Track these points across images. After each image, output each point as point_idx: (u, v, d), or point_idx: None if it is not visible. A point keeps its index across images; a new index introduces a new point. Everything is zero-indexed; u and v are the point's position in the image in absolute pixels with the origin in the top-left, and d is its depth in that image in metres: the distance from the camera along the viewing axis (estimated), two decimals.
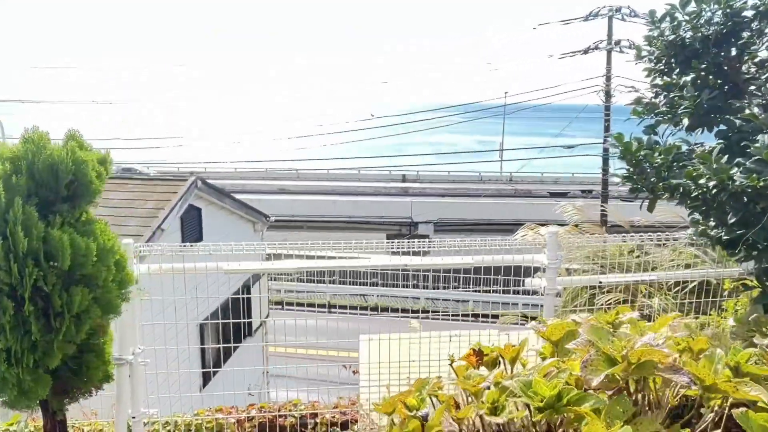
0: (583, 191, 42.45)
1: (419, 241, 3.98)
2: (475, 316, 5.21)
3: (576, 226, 8.73)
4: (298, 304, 21.97)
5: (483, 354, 2.67)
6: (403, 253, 3.95)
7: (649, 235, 4.15)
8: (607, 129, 23.08)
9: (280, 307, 22.24)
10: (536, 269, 4.18)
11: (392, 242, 3.96)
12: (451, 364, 2.56)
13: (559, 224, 9.02)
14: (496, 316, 7.47)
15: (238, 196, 16.68)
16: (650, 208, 3.44)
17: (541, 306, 4.18)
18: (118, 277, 2.68)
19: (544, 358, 2.47)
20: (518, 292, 4.73)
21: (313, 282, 22.70)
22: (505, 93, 48.11)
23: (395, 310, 19.72)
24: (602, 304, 5.88)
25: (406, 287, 24.13)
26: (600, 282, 4.48)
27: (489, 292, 5.05)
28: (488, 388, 2.14)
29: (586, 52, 24.32)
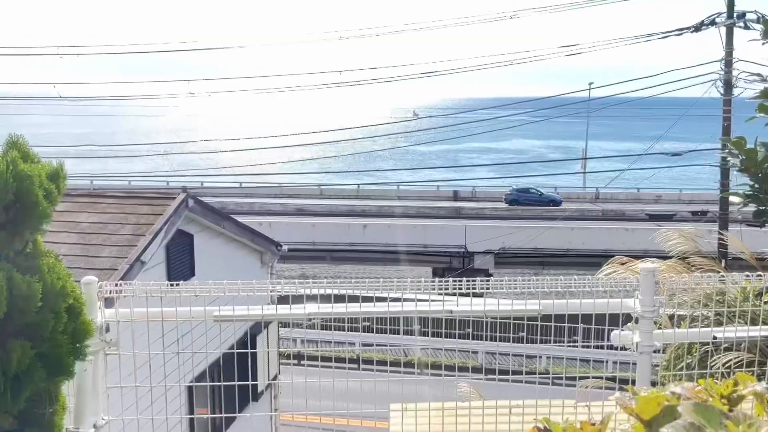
0: (694, 213, 41.48)
1: (477, 280, 3.91)
2: (547, 377, 5.05)
3: (683, 259, 8.47)
4: (320, 359, 21.93)
5: None
6: (455, 295, 3.88)
7: None
8: (726, 131, 22.52)
9: (295, 361, 22.26)
10: (628, 318, 4.05)
11: (439, 281, 3.89)
12: None
13: (661, 257, 8.77)
14: (575, 379, 7.26)
15: (243, 219, 16.94)
16: None
17: (634, 365, 4.04)
18: (71, 327, 2.68)
19: None
20: (604, 347, 4.58)
21: (340, 330, 22.70)
22: (590, 85, 47.84)
23: (445, 368, 19.51)
24: (719, 368, 5.64)
25: (459, 338, 23.87)
26: (714, 337, 4.30)
27: (563, 345, 4.91)
28: None
29: (698, 28, 23.89)
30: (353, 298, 3.83)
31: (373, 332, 22.68)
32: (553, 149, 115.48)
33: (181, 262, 11.16)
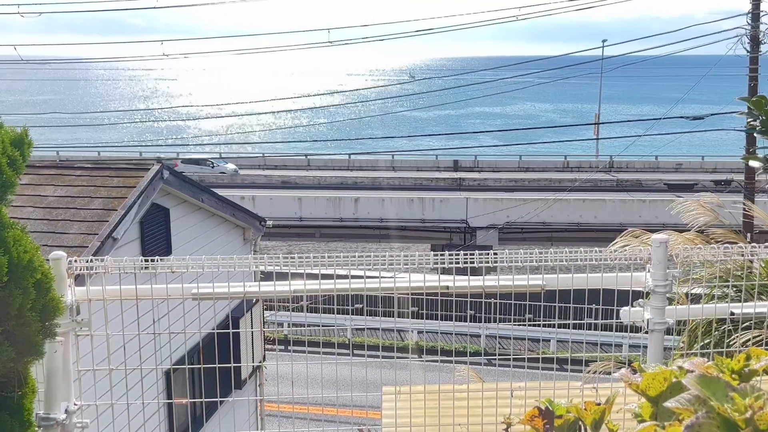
0: (717, 182, 41.59)
1: (475, 254, 3.95)
2: (554, 360, 5.14)
3: (702, 231, 8.55)
4: (308, 344, 22.11)
5: (553, 415, 2.62)
6: (454, 272, 3.93)
7: None
8: (753, 91, 22.49)
9: (282, 347, 22.46)
10: (639, 295, 4.11)
11: (439, 255, 3.93)
12: (506, 430, 2.53)
13: (680, 230, 8.86)
14: (586, 362, 7.37)
15: (223, 192, 16.95)
16: None
17: (644, 347, 4.11)
18: (40, 303, 2.74)
19: (641, 421, 2.42)
20: (614, 328, 4.65)
21: (330, 313, 22.88)
22: (603, 42, 47.60)
23: (444, 353, 19.70)
24: (739, 346, 5.74)
25: (459, 320, 24.09)
26: (732, 313, 4.37)
27: (569, 327, 4.99)
28: None
29: None
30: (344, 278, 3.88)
31: (364, 315, 22.88)
32: (563, 113, 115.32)
33: (156, 239, 11.21)
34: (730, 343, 6.03)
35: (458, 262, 3.85)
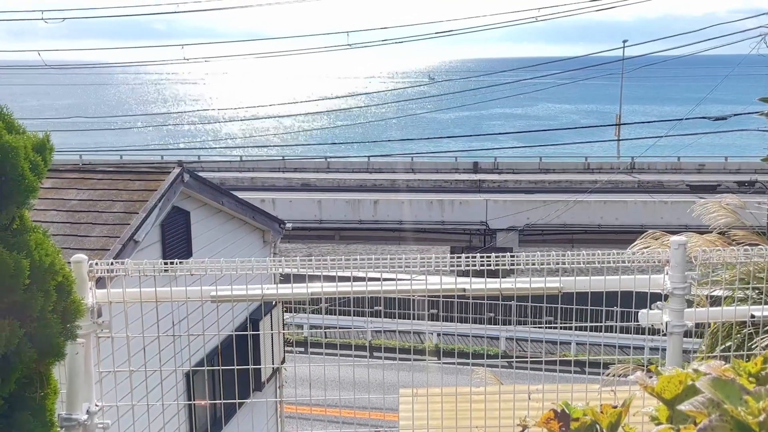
0: (741, 183, 41.13)
1: (491, 256, 3.94)
2: (571, 363, 5.14)
3: (723, 233, 8.49)
4: (326, 346, 22.18)
5: (569, 418, 2.63)
6: (474, 274, 3.93)
7: None
8: None
9: (302, 349, 22.52)
10: (658, 297, 4.09)
11: (455, 258, 3.93)
12: None
13: (702, 232, 8.79)
14: (606, 365, 7.34)
15: (243, 195, 17.05)
16: None
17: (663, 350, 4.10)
18: (61, 306, 2.78)
19: (657, 424, 2.42)
20: (632, 330, 4.64)
21: (348, 315, 22.93)
22: (624, 42, 47.31)
23: (462, 356, 19.66)
24: (761, 349, 5.69)
25: (476, 322, 24.06)
26: (752, 316, 4.34)
27: (586, 329, 4.97)
28: None
29: None
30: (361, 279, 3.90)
31: (382, 317, 22.91)
32: (586, 114, 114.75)
33: (177, 242, 11.30)
34: (752, 346, 5.98)
35: (474, 265, 3.85)
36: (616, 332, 4.77)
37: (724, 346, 6.52)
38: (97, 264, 3.83)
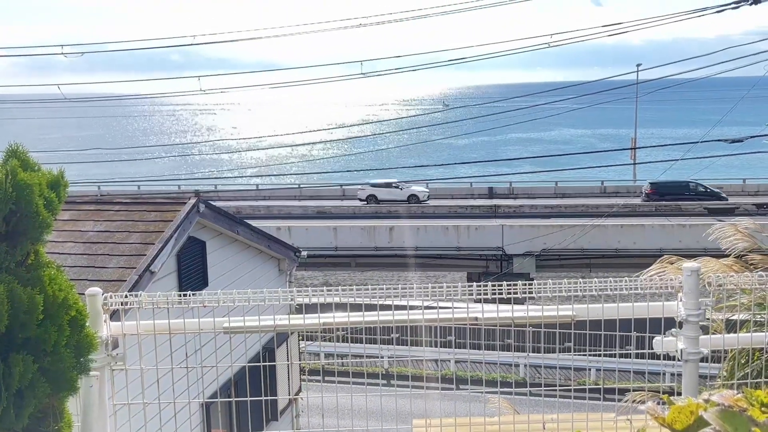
0: (759, 205, 40.77)
1: (503, 284, 3.94)
2: (586, 390, 5.08)
3: (740, 257, 8.42)
4: (338, 374, 22.08)
5: None
6: (492, 301, 3.92)
7: None
8: None
9: (317, 377, 22.43)
10: (673, 323, 4.06)
11: (467, 286, 3.93)
12: None
13: (718, 255, 8.72)
14: (622, 391, 7.26)
15: (260, 223, 17.15)
16: None
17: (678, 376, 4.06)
18: (74, 340, 2.81)
19: None
20: (647, 357, 4.60)
21: (363, 342, 22.85)
22: (638, 66, 47.34)
23: (474, 383, 19.53)
24: None
25: (490, 349, 23.86)
26: None
27: (600, 355, 4.94)
28: None
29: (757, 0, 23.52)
30: (373, 307, 3.90)
31: (393, 344, 22.80)
32: (601, 138, 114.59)
33: (193, 272, 11.36)
34: None
35: (486, 294, 3.85)
36: (631, 358, 4.73)
37: (742, 373, 6.44)
38: (111, 296, 3.87)
